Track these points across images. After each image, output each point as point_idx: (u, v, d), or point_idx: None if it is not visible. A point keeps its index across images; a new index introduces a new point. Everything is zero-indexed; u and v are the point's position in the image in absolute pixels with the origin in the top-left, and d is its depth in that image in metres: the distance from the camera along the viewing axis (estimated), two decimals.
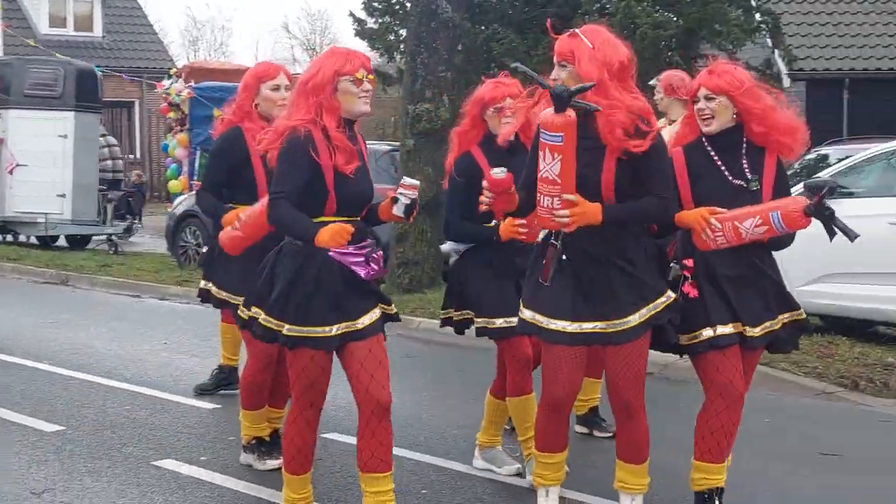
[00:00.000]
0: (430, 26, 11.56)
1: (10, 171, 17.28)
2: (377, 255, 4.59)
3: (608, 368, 4.70)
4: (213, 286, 5.92)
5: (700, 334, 4.73)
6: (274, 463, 5.80)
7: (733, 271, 4.74)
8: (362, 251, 4.52)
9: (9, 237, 18.67)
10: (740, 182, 4.74)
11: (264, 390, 5.84)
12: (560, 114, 4.33)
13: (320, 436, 6.48)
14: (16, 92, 17.72)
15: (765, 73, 17.97)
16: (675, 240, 4.91)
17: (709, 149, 4.81)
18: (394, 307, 4.79)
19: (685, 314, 4.69)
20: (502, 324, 5.36)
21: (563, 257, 4.55)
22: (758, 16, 17.96)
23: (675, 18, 16.30)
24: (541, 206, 4.48)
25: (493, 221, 5.33)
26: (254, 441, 5.92)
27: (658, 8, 16.16)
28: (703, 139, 4.84)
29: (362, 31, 18.62)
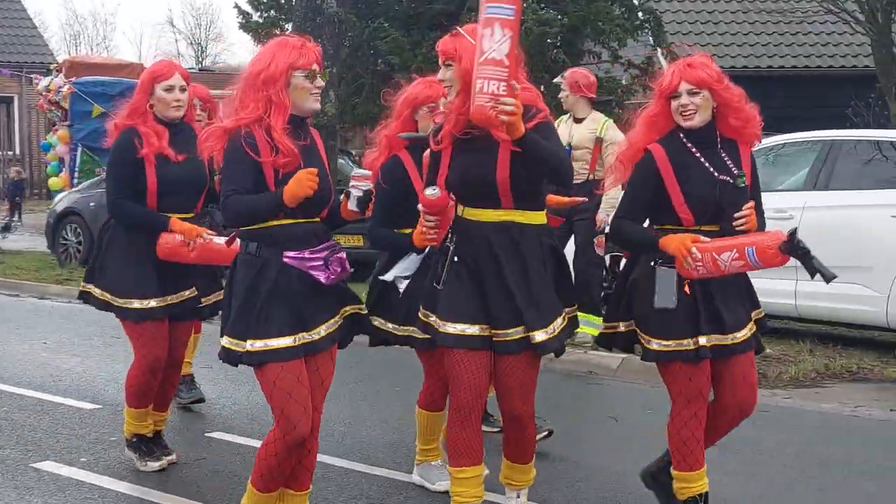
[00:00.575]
0: (315, 21, 11.52)
1: None
2: (338, 256, 4.32)
3: (497, 377, 4.47)
4: (95, 288, 5.72)
5: (683, 343, 4.55)
6: (154, 465, 5.74)
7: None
8: (321, 254, 4.28)
9: None
10: (725, 177, 4.53)
11: (150, 391, 5.70)
12: None
13: (205, 434, 6.47)
14: None
15: (647, 70, 18.31)
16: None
17: (688, 144, 4.59)
18: (363, 307, 4.56)
19: (666, 318, 4.51)
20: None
21: (455, 258, 4.38)
22: (640, 14, 18.29)
23: (560, 16, 16.50)
24: (481, 92, 4.04)
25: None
26: (135, 439, 5.81)
27: (543, 6, 16.35)
28: (679, 135, 4.60)
29: (247, 25, 18.43)
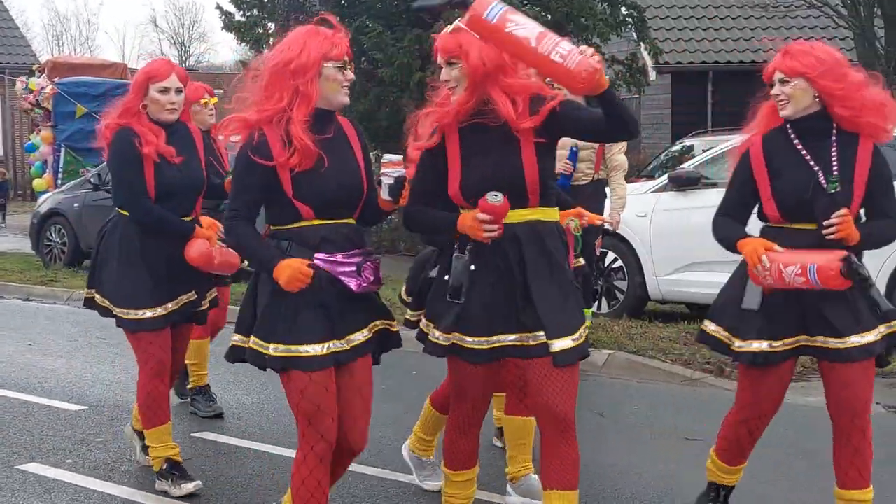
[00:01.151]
0: (298, 20, 11.45)
1: None
2: (372, 264, 4.10)
3: (535, 382, 4.08)
4: (96, 294, 5.50)
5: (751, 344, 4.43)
6: (189, 486, 5.37)
7: None
8: (353, 260, 4.04)
9: None
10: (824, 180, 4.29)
11: (163, 401, 5.40)
12: None
13: (191, 435, 6.45)
14: None
15: (630, 66, 18.35)
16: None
17: (792, 136, 4.38)
18: (396, 324, 4.28)
19: (744, 317, 4.44)
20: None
21: (473, 268, 4.07)
22: (623, 10, 18.32)
23: (543, 13, 16.52)
24: (565, 56, 3.70)
25: None
26: (165, 465, 5.44)
27: (526, 2, 16.35)
28: (786, 125, 4.40)
29: (230, 24, 18.41)
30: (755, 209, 4.51)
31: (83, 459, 6.01)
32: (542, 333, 3.98)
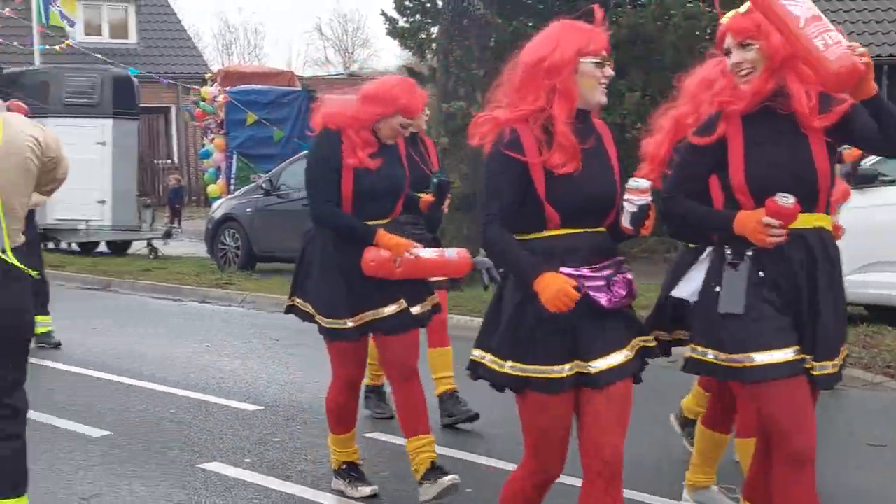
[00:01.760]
0: (462, 24, 11.56)
1: None
2: (624, 276, 3.74)
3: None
4: (297, 299, 5.43)
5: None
6: (366, 490, 5.44)
7: None
8: (603, 272, 3.70)
9: (50, 244, 18.84)
10: None
11: (351, 412, 5.43)
12: None
13: (364, 435, 6.55)
14: (55, 101, 17.87)
15: None
16: None
17: None
18: (651, 338, 3.91)
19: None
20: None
21: (762, 274, 3.68)
22: None
23: (710, 9, 16.20)
24: (830, 47, 3.46)
25: None
26: (344, 466, 5.52)
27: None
28: None
29: (394, 31, 18.65)
30: None
31: (261, 458, 6.16)
32: (811, 356, 3.68)
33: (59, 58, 23.49)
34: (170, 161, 31.93)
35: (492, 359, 3.75)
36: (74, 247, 18.94)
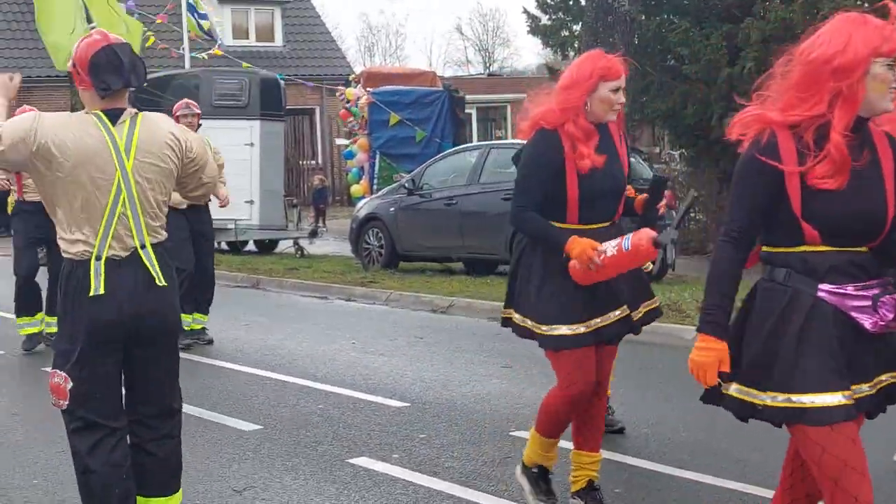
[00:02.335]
0: (605, 21, 11.47)
1: None
2: (891, 298, 3.36)
3: None
4: (515, 314, 5.06)
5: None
6: None
7: None
8: (867, 293, 3.35)
9: None
10: None
11: (565, 425, 5.00)
12: None
13: (509, 434, 6.55)
14: (204, 102, 18.32)
15: None
16: None
17: None
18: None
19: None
20: None
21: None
22: None
23: (861, 2, 15.73)
24: None
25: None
26: (536, 469, 5.18)
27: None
28: None
29: (536, 29, 18.66)
30: None
31: (409, 455, 6.22)
32: None
33: (207, 61, 24.14)
34: (314, 162, 32.49)
35: (742, 389, 3.41)
36: (224, 246, 19.41)
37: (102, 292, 4.20)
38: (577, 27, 18.27)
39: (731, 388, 3.43)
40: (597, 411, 5.04)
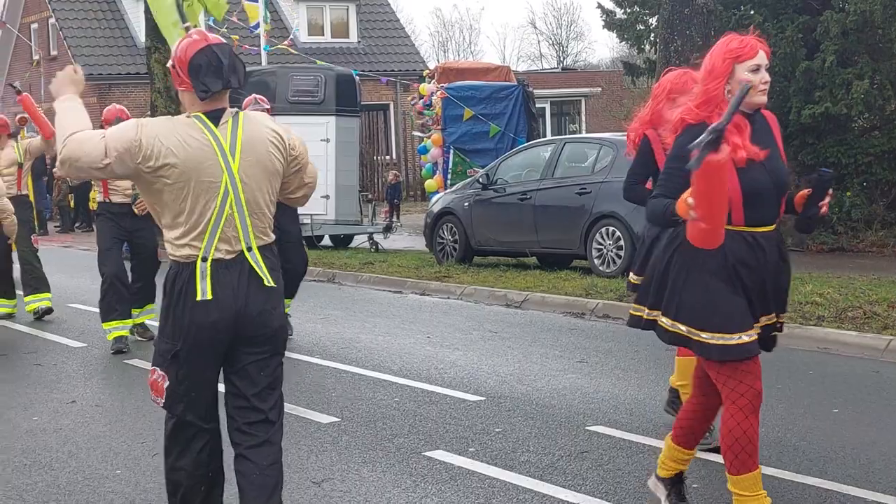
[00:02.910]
0: (682, 13, 11.37)
1: None
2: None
3: None
4: (665, 318, 4.68)
5: None
6: None
7: None
8: None
9: None
10: None
11: (756, 443, 4.58)
12: None
13: (586, 429, 6.55)
14: (281, 99, 18.52)
15: None
16: None
17: None
18: None
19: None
20: None
21: None
22: None
23: None
24: None
25: None
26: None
27: None
28: None
29: (611, 23, 18.56)
30: None
31: (485, 448, 6.24)
32: None
33: (283, 58, 24.36)
34: (388, 157, 32.64)
35: None
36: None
37: (209, 297, 4.16)
38: (652, 20, 18.15)
39: None
40: (707, 416, 4.88)
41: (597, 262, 13.33)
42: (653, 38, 17.98)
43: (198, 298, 4.15)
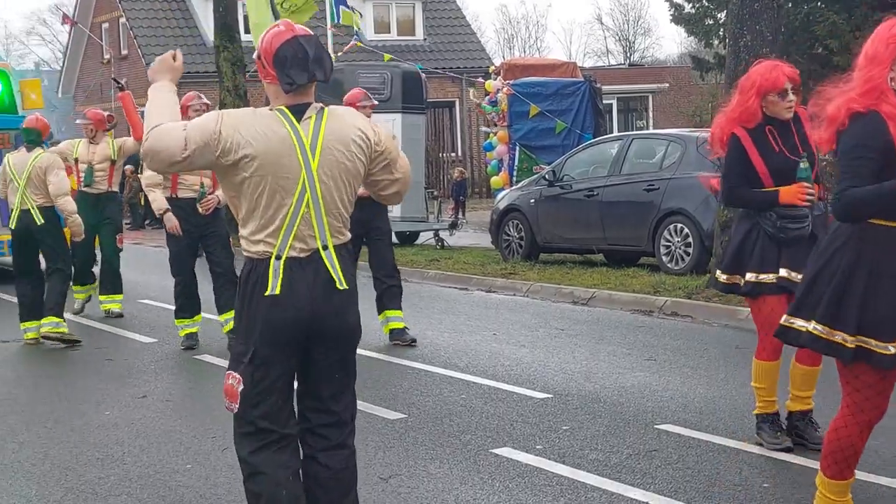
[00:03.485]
0: (753, 8, 11.22)
1: None
2: None
3: None
4: (840, 335, 4.32)
5: None
6: None
7: None
8: None
9: None
10: None
11: (855, 458, 4.47)
12: None
13: (654, 427, 6.49)
14: None
15: None
16: None
17: None
18: None
19: None
20: None
21: None
22: None
23: None
24: None
25: None
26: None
27: None
28: None
29: (679, 18, 18.41)
30: None
31: (552, 446, 6.21)
32: None
33: (351, 55, 24.48)
34: (454, 154, 32.67)
35: None
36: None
37: (278, 292, 4.04)
38: (721, 15, 17.97)
39: None
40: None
41: (665, 259, 13.22)
42: (721, 34, 17.81)
43: (266, 293, 4.05)
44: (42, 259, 10.34)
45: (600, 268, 13.88)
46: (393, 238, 10.38)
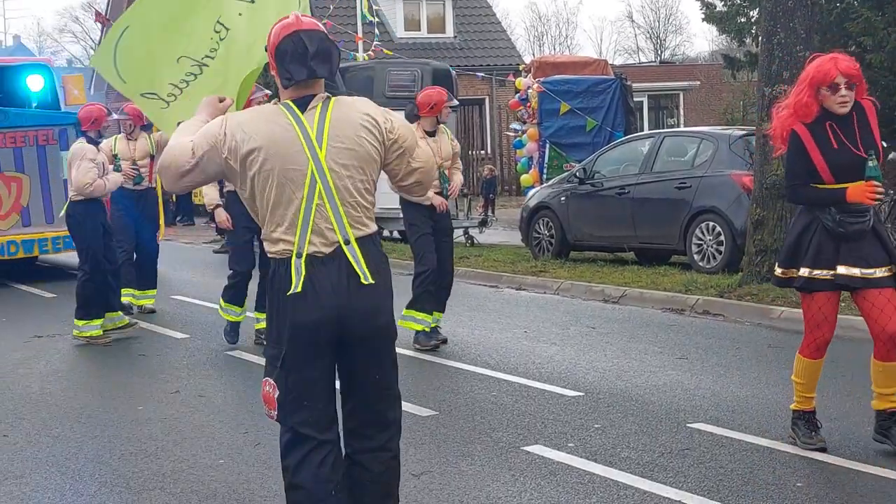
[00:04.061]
0: (787, 5, 11.14)
1: None
2: None
3: None
4: None
5: None
6: None
7: None
8: None
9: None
10: None
11: None
12: None
13: (687, 426, 6.47)
14: (378, 93, 18.62)
15: None
16: None
17: None
18: None
19: None
20: None
21: None
22: None
23: None
24: None
25: None
26: None
27: None
28: None
29: (711, 16, 18.32)
30: None
31: (584, 444, 6.20)
32: None
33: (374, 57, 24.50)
34: (483, 152, 32.62)
35: None
36: (395, 234, 19.68)
37: (300, 290, 3.93)
38: (753, 13, 17.87)
39: None
40: None
41: (696, 257, 13.16)
42: (754, 31, 17.70)
43: (288, 293, 3.95)
44: (105, 256, 10.15)
45: (631, 266, 13.84)
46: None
